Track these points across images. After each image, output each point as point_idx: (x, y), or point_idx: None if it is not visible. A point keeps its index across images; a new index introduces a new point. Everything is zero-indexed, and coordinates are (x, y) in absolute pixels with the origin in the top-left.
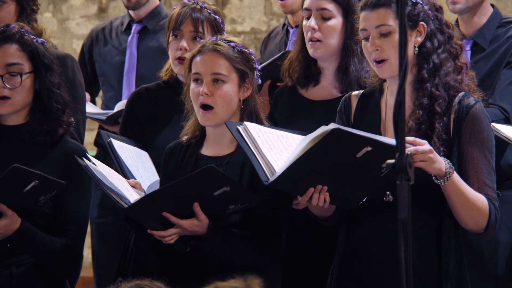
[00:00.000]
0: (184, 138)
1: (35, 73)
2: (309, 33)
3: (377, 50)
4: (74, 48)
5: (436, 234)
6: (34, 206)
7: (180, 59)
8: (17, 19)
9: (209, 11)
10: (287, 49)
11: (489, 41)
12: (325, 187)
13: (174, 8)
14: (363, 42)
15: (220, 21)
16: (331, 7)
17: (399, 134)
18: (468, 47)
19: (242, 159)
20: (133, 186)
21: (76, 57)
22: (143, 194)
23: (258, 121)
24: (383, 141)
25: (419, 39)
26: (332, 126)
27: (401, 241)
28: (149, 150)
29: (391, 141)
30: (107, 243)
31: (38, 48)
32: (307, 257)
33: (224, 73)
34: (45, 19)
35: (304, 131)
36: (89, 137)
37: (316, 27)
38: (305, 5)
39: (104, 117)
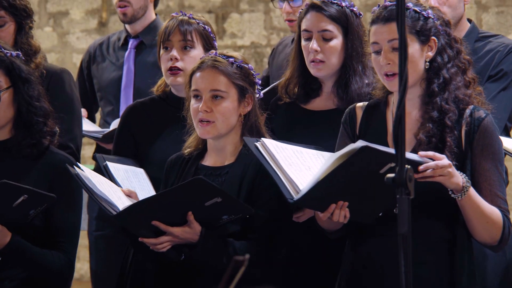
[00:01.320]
0: (186, 151)
1: (14, 88)
2: (311, 54)
3: (389, 64)
4: (74, 62)
5: (449, 247)
6: (24, 220)
7: (172, 70)
8: (15, 37)
9: (198, 21)
10: None
11: (467, 54)
12: (346, 203)
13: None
14: (373, 55)
15: (210, 30)
16: (332, 27)
17: (399, 148)
18: None
19: (242, 170)
20: (128, 195)
21: (77, 71)
22: None
23: (259, 135)
24: (407, 156)
25: (430, 54)
26: (360, 143)
27: (401, 255)
28: (144, 165)
29: (414, 156)
30: (106, 256)
31: (13, 63)
32: (309, 270)
33: (223, 90)
34: (46, 33)
35: (316, 146)
36: (89, 151)
37: (319, 49)
38: (304, 27)
39: (100, 135)
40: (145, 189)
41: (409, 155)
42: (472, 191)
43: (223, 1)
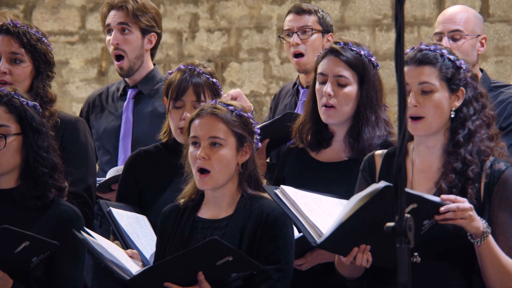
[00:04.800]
0: (181, 201)
1: (24, 135)
2: (324, 98)
3: (416, 106)
4: (74, 111)
5: None
6: (27, 267)
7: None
8: (31, 81)
9: (207, 76)
10: (289, 111)
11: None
12: (368, 247)
13: (170, 73)
14: None
15: (217, 82)
16: (348, 74)
17: (399, 198)
18: None
19: (241, 222)
20: (130, 257)
21: None
22: (140, 264)
23: (258, 185)
24: (429, 199)
25: (457, 104)
26: (383, 184)
27: None
28: (148, 213)
29: (436, 198)
30: None
31: (26, 111)
32: None
33: (222, 137)
34: None
35: (335, 194)
36: None
37: (332, 93)
38: (320, 70)
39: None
40: (147, 236)
41: (431, 197)
42: (491, 239)
43: (223, 50)
